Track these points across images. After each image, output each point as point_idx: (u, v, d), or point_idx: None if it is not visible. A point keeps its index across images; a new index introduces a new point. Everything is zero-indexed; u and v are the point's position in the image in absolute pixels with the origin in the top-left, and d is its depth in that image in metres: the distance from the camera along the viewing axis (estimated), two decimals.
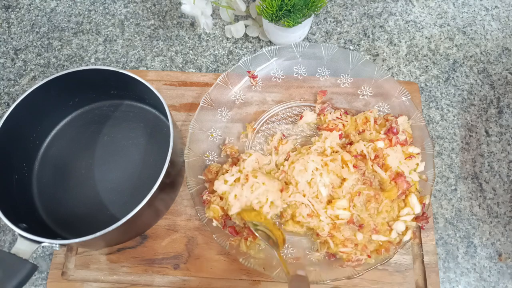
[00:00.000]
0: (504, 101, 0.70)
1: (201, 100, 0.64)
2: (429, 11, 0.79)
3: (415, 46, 0.76)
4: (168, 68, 0.75)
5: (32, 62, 0.77)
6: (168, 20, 0.80)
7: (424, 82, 0.72)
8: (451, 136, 0.68)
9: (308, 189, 0.57)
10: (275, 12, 0.64)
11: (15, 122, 0.57)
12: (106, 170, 0.63)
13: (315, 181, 0.56)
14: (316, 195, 0.56)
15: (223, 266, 0.59)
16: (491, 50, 0.75)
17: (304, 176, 0.57)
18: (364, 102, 0.67)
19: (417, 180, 0.58)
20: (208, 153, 0.64)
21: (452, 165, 0.66)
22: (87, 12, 0.81)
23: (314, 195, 0.56)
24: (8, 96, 0.74)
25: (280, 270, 0.55)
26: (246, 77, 0.68)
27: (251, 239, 0.57)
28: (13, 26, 0.80)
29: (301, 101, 0.68)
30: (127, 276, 0.59)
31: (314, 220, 0.56)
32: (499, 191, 0.64)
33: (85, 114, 0.67)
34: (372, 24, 0.78)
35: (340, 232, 0.56)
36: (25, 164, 0.62)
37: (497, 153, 0.67)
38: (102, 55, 0.77)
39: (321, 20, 0.79)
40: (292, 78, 0.69)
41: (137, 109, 0.67)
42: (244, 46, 0.76)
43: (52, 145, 0.65)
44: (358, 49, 0.76)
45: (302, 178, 0.57)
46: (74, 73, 0.59)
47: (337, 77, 0.68)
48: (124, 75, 0.58)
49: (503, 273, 0.59)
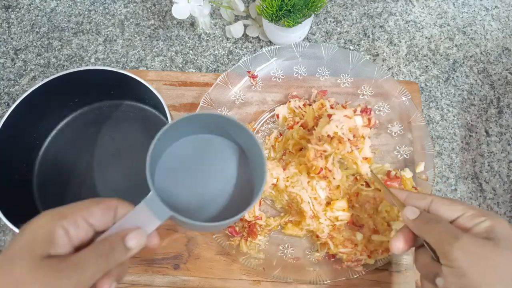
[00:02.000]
0: (504, 101, 0.70)
1: (201, 100, 0.64)
2: (429, 11, 0.79)
3: (415, 46, 0.76)
4: (168, 68, 0.75)
5: (32, 62, 0.77)
6: (168, 20, 0.80)
7: (424, 82, 0.72)
8: (451, 136, 0.68)
9: (309, 192, 0.56)
10: (275, 12, 0.64)
11: (15, 122, 0.57)
12: (106, 170, 0.63)
13: (312, 184, 0.56)
14: (315, 197, 0.56)
15: (223, 266, 0.59)
16: (491, 50, 0.75)
17: (303, 192, 0.56)
18: (364, 102, 0.67)
19: (410, 177, 0.58)
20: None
21: (452, 165, 0.66)
22: (87, 12, 0.81)
23: (313, 196, 0.56)
24: (8, 96, 0.74)
25: (280, 270, 0.55)
26: (246, 77, 0.68)
27: (251, 239, 0.57)
28: (13, 26, 0.80)
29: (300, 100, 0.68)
30: (127, 276, 0.59)
31: (314, 222, 0.56)
32: (499, 191, 0.64)
33: (85, 114, 0.67)
34: (372, 24, 0.78)
35: (339, 233, 0.56)
36: (25, 164, 0.62)
37: (497, 153, 0.67)
38: (102, 55, 0.77)
39: (321, 20, 0.79)
40: (292, 78, 0.69)
41: (137, 109, 0.67)
42: (244, 46, 0.76)
43: (52, 145, 0.65)
44: (358, 49, 0.76)
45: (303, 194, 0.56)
46: (74, 73, 0.59)
47: (337, 77, 0.68)
48: (124, 75, 0.58)
49: None
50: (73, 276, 0.31)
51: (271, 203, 0.61)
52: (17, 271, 0.30)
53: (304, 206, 0.55)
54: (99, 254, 0.33)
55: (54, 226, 0.32)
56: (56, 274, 0.30)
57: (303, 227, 0.57)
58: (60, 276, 0.30)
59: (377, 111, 0.66)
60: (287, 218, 0.58)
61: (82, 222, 0.33)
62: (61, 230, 0.32)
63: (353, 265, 0.55)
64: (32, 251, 0.31)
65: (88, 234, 0.34)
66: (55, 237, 0.32)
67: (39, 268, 0.30)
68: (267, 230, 0.58)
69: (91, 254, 0.32)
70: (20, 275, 0.29)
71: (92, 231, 0.35)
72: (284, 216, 0.59)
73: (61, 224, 0.32)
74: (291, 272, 0.55)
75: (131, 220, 0.36)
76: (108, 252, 0.33)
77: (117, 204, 0.36)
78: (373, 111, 0.65)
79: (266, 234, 0.58)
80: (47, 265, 0.30)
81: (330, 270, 0.55)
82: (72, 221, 0.33)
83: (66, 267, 0.31)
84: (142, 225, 0.36)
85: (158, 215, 0.36)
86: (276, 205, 0.61)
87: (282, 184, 0.57)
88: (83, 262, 0.32)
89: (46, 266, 0.30)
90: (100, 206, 0.35)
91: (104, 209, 0.35)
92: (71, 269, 0.31)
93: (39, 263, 0.30)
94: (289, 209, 0.59)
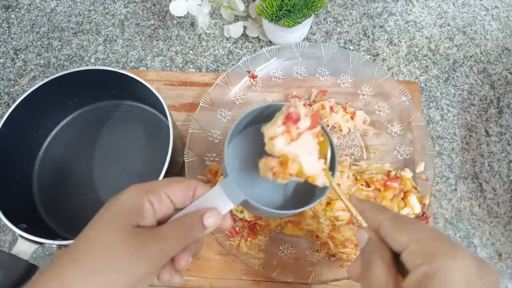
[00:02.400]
0: (504, 101, 0.70)
1: (201, 100, 0.64)
2: (429, 11, 0.79)
3: (415, 46, 0.76)
4: (168, 68, 0.75)
5: (32, 62, 0.77)
6: (168, 20, 0.80)
7: (424, 82, 0.72)
8: (451, 136, 0.68)
9: None
10: (275, 12, 0.64)
11: (15, 122, 0.57)
12: (106, 170, 0.63)
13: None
14: None
15: (223, 266, 0.59)
16: (491, 50, 0.75)
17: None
18: (364, 102, 0.67)
19: (410, 177, 0.58)
20: (208, 153, 0.64)
21: (452, 165, 0.66)
22: (87, 12, 0.81)
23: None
24: (8, 96, 0.74)
25: (280, 270, 0.55)
26: (246, 77, 0.68)
27: (251, 239, 0.57)
28: (13, 26, 0.80)
29: (301, 101, 0.68)
30: None
31: (313, 222, 0.56)
32: (499, 191, 0.64)
33: (85, 114, 0.67)
34: (372, 24, 0.78)
35: (339, 233, 0.56)
36: (25, 164, 0.62)
37: (497, 153, 0.67)
38: (102, 55, 0.77)
39: (321, 20, 0.79)
40: (292, 78, 0.69)
41: (137, 109, 0.67)
42: (244, 46, 0.76)
43: (52, 145, 0.65)
44: (358, 49, 0.76)
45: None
46: (74, 73, 0.59)
47: (337, 77, 0.68)
48: (124, 75, 0.58)
49: (503, 273, 0.59)
50: (156, 246, 0.33)
51: None
52: (112, 237, 0.32)
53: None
54: (181, 229, 0.35)
55: (142, 199, 0.34)
56: (143, 242, 0.32)
57: (303, 227, 0.57)
58: (146, 245, 0.32)
59: (377, 111, 0.66)
60: (287, 218, 0.58)
61: (165, 198, 0.36)
62: (148, 203, 0.34)
63: None
64: (123, 219, 0.33)
65: (170, 210, 0.36)
66: (143, 209, 0.34)
67: (130, 235, 0.32)
68: (267, 230, 0.58)
69: (174, 228, 0.35)
70: (114, 241, 0.32)
71: (173, 207, 0.37)
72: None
73: (148, 197, 0.34)
74: (291, 272, 0.55)
75: (208, 200, 0.38)
76: (188, 228, 0.35)
77: (196, 185, 0.38)
78: (374, 111, 0.66)
79: (266, 234, 0.58)
80: (136, 233, 0.32)
81: (330, 270, 0.55)
82: (157, 196, 0.35)
83: (151, 237, 0.33)
84: (217, 206, 0.38)
85: (232, 198, 0.38)
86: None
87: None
88: (166, 234, 0.34)
89: (136, 234, 0.32)
90: (181, 184, 0.37)
91: (185, 188, 0.37)
92: (155, 239, 0.33)
93: (131, 231, 0.32)
94: None
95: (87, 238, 0.32)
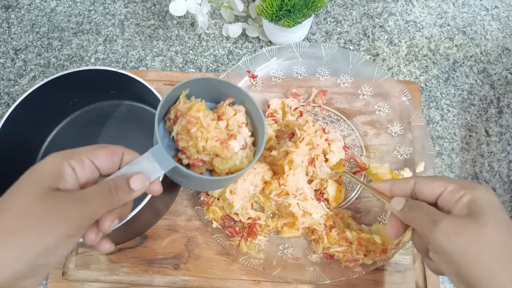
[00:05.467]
0: (504, 101, 0.70)
1: None
2: (429, 11, 0.79)
3: (415, 46, 0.76)
4: (168, 68, 0.75)
5: (32, 62, 0.77)
6: (168, 20, 0.80)
7: (424, 82, 0.72)
8: (451, 136, 0.68)
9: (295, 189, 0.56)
10: (275, 12, 0.64)
11: (15, 122, 0.57)
12: None
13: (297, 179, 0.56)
14: (302, 196, 0.56)
15: (223, 266, 0.59)
16: (491, 50, 0.75)
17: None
18: (364, 102, 0.67)
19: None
20: None
21: (452, 165, 0.66)
22: (87, 12, 0.81)
23: (299, 193, 0.56)
24: (8, 96, 0.74)
25: (280, 270, 0.55)
26: (246, 77, 0.68)
27: (251, 239, 0.57)
28: (13, 26, 0.80)
29: (300, 101, 0.68)
30: (127, 276, 0.59)
31: (307, 219, 0.56)
32: (499, 191, 0.64)
33: (85, 114, 0.67)
34: (372, 24, 0.78)
35: (335, 228, 0.56)
36: (25, 164, 0.61)
37: (497, 153, 0.67)
38: (102, 55, 0.77)
39: (321, 20, 0.79)
40: (292, 78, 0.69)
41: (137, 109, 0.67)
42: (244, 46, 0.76)
43: (52, 145, 0.65)
44: (358, 49, 0.76)
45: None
46: (74, 73, 0.59)
47: (337, 77, 0.68)
48: (124, 75, 0.58)
49: None
50: (77, 207, 0.33)
51: (262, 209, 0.61)
52: (28, 199, 0.32)
53: (293, 208, 0.55)
54: (104, 191, 0.35)
55: (62, 163, 0.34)
56: (62, 202, 0.32)
57: (299, 227, 0.57)
58: (65, 205, 0.32)
59: (377, 111, 0.66)
60: (281, 222, 0.58)
61: (88, 163, 0.36)
62: (69, 168, 0.35)
63: (351, 265, 0.54)
64: (40, 182, 0.33)
65: (94, 175, 0.37)
66: (63, 173, 0.34)
67: (46, 197, 0.32)
68: (267, 230, 0.58)
69: (97, 190, 0.35)
70: (30, 202, 0.32)
71: (98, 173, 0.37)
72: (278, 219, 0.59)
73: (69, 162, 0.35)
74: (291, 272, 0.55)
75: (136, 166, 0.38)
76: (113, 191, 0.35)
77: (124, 151, 0.38)
78: (374, 111, 0.66)
79: (266, 234, 0.58)
80: (54, 194, 0.33)
81: (330, 270, 0.55)
82: (79, 160, 0.35)
83: (72, 199, 0.33)
84: (146, 172, 0.38)
85: (162, 165, 0.39)
86: (265, 212, 0.60)
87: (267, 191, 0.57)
88: (89, 196, 0.34)
89: (53, 195, 0.33)
90: (105, 150, 0.37)
91: (109, 153, 0.37)
92: (76, 200, 0.33)
93: (47, 192, 0.32)
94: (279, 213, 0.59)
95: (3, 202, 0.32)
